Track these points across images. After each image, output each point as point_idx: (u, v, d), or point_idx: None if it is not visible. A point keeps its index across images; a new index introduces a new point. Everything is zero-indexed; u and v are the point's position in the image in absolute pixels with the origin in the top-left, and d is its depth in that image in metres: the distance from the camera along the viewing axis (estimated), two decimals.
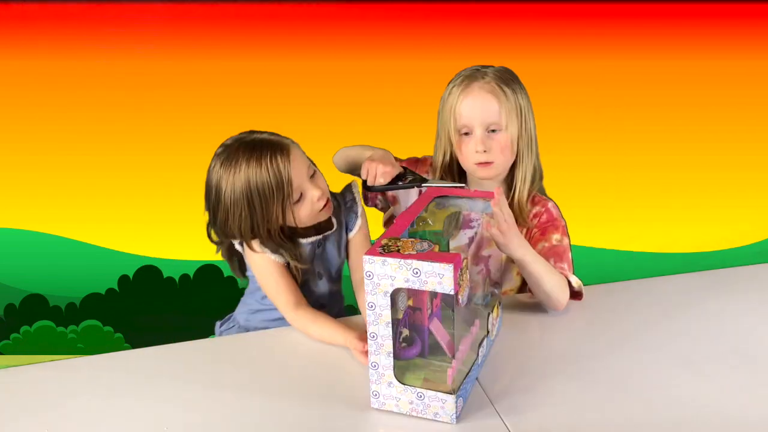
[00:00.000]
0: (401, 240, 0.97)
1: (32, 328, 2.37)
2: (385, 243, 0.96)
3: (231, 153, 1.22)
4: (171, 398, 1.08)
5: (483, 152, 1.32)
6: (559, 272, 1.31)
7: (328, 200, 1.27)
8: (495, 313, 1.17)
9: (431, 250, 0.93)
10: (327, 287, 1.37)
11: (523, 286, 1.45)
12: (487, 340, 1.12)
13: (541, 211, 1.40)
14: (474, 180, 1.41)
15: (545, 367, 1.12)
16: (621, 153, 2.36)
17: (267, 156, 1.19)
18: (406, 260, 0.91)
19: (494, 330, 1.18)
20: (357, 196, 1.38)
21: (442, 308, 1.07)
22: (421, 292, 1.00)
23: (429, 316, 1.03)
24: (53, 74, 2.20)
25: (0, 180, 2.25)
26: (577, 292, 1.34)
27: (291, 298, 1.26)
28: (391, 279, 0.93)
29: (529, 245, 1.28)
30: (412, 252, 0.93)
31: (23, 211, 2.29)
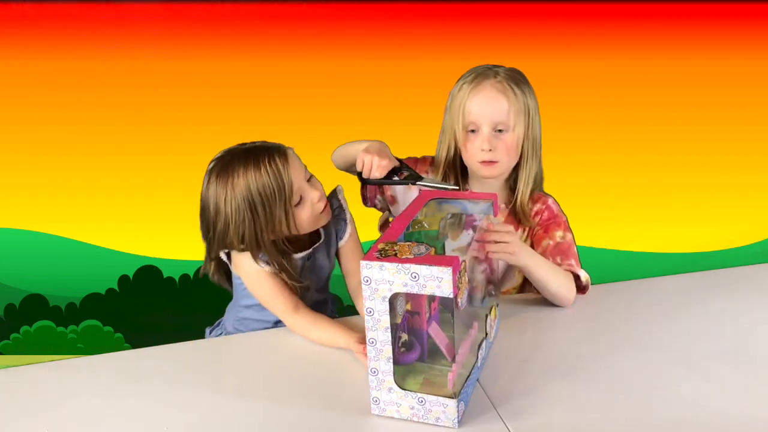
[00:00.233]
0: (398, 244, 0.96)
1: (32, 328, 2.37)
2: (382, 247, 0.95)
3: (225, 163, 1.19)
4: (171, 398, 1.08)
5: (489, 151, 1.31)
6: (566, 269, 1.32)
7: (327, 203, 1.26)
8: (493, 315, 1.17)
9: (429, 254, 0.93)
10: (315, 297, 1.35)
11: (524, 285, 1.46)
12: (486, 342, 1.12)
13: (542, 209, 1.41)
14: (476, 178, 1.41)
15: (546, 369, 1.12)
16: (621, 153, 2.36)
17: (265, 159, 1.17)
18: (404, 264, 0.90)
19: (492, 332, 1.17)
20: (344, 203, 1.35)
21: (441, 311, 1.06)
22: (420, 296, 0.99)
23: (428, 320, 1.02)
24: (53, 74, 2.20)
25: (0, 180, 2.25)
26: (585, 287, 1.35)
27: (288, 303, 1.24)
28: (389, 284, 0.92)
29: (533, 251, 1.29)
30: (410, 256, 0.92)
31: (23, 211, 2.29)
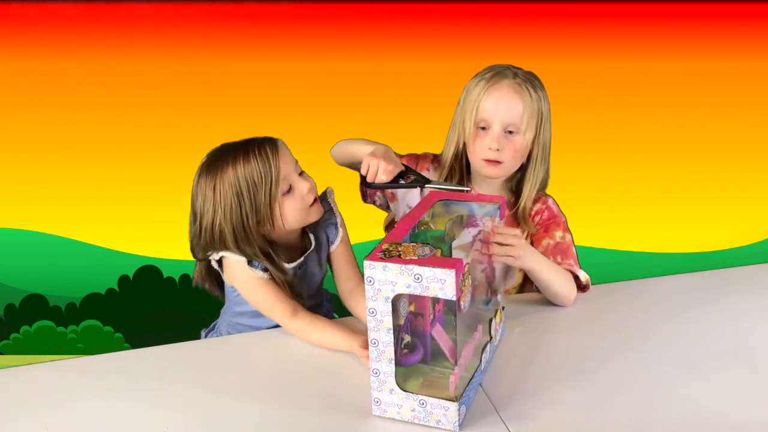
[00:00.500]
0: (402, 245, 0.95)
1: (32, 328, 2.37)
2: (386, 248, 0.95)
3: (215, 156, 1.20)
4: (171, 399, 1.08)
5: (496, 150, 1.31)
6: (567, 269, 1.32)
7: (317, 198, 1.25)
8: (498, 318, 1.16)
9: (433, 255, 0.92)
10: (308, 303, 1.33)
11: (524, 285, 1.46)
12: (491, 346, 1.12)
13: (542, 209, 1.41)
14: (478, 177, 1.41)
15: (547, 371, 1.12)
16: (621, 153, 2.36)
17: (254, 147, 1.18)
18: (408, 266, 0.90)
19: (497, 335, 1.17)
20: (334, 206, 1.34)
21: (445, 313, 1.06)
22: (423, 298, 0.99)
23: (431, 322, 1.02)
24: (53, 74, 2.20)
25: (0, 180, 2.25)
26: (585, 286, 1.35)
27: (287, 308, 1.23)
28: (393, 285, 0.92)
29: (538, 253, 1.29)
30: (414, 257, 0.92)
31: (23, 211, 2.29)
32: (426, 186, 1.27)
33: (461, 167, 1.41)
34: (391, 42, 2.23)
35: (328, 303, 1.45)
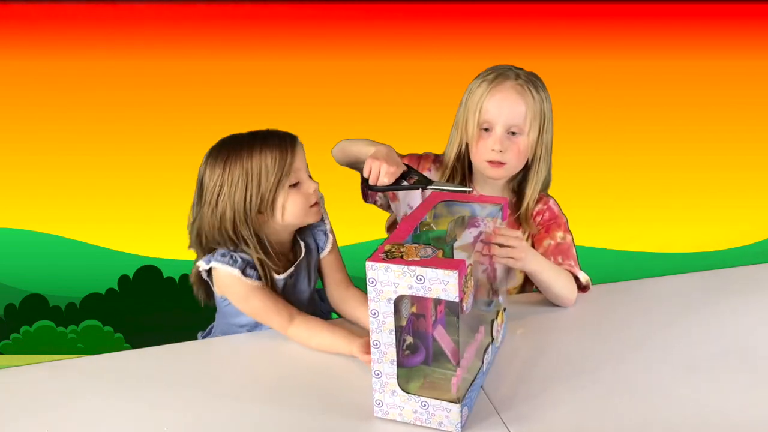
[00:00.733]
0: (405, 246, 0.95)
1: (32, 328, 2.37)
2: (389, 249, 0.94)
3: (232, 138, 1.21)
4: (171, 399, 1.08)
5: (499, 152, 1.31)
6: (567, 269, 1.32)
7: (317, 203, 1.25)
8: (499, 320, 1.16)
9: (435, 256, 0.92)
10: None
11: (525, 285, 1.46)
12: (492, 348, 1.11)
13: (543, 209, 1.41)
14: (480, 178, 1.41)
15: (548, 372, 1.12)
16: (621, 153, 2.36)
17: (274, 136, 1.20)
18: (410, 267, 0.90)
19: (499, 337, 1.17)
20: (324, 214, 1.33)
21: (447, 314, 1.05)
22: (425, 299, 0.98)
23: (433, 323, 1.02)
24: (53, 74, 2.20)
25: (0, 180, 2.25)
26: (585, 286, 1.35)
27: (284, 315, 1.22)
28: (395, 286, 0.91)
29: (539, 254, 1.29)
30: (416, 258, 0.91)
31: (23, 211, 2.29)
32: (428, 187, 1.27)
33: (463, 168, 1.41)
34: (392, 42, 2.23)
35: (323, 302, 1.44)
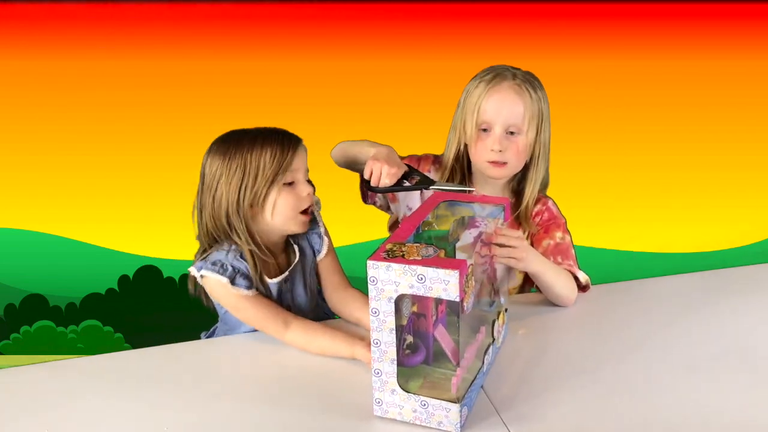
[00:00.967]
0: (406, 245, 0.95)
1: (32, 328, 2.37)
2: (390, 248, 0.94)
3: (237, 131, 1.22)
4: (171, 399, 1.08)
5: (499, 152, 1.31)
6: (567, 269, 1.32)
7: (309, 208, 1.24)
8: (500, 320, 1.16)
9: (437, 256, 0.92)
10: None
11: (525, 285, 1.46)
12: (493, 348, 1.11)
13: (542, 210, 1.41)
14: (480, 178, 1.41)
15: (548, 372, 1.12)
16: (621, 153, 2.36)
17: (278, 134, 1.21)
18: (411, 266, 0.90)
19: (500, 337, 1.17)
20: (319, 218, 1.32)
21: (448, 314, 1.05)
22: (426, 298, 0.98)
23: (434, 323, 1.02)
24: (53, 74, 2.20)
25: (0, 180, 2.25)
26: (585, 286, 1.36)
27: (278, 322, 1.21)
28: (396, 285, 0.91)
29: (540, 255, 1.29)
30: (417, 257, 0.91)
31: (23, 211, 2.29)
32: (431, 187, 1.26)
33: (462, 168, 1.41)
34: (392, 42, 2.23)
35: (324, 302, 1.43)
